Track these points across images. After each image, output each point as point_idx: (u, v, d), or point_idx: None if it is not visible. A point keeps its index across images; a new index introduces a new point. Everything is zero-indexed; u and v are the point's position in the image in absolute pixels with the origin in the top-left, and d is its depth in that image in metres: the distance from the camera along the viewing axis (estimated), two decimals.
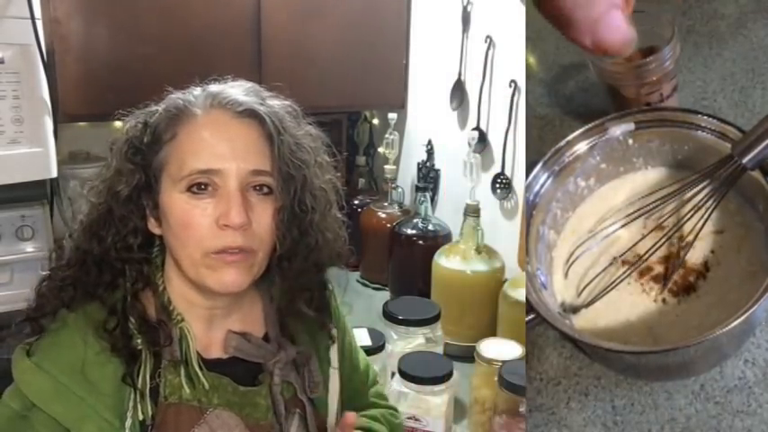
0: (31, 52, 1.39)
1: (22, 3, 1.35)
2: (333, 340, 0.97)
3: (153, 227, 0.84)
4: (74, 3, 1.54)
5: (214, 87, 0.85)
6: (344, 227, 0.93)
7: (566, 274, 0.89)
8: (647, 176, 0.92)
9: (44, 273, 0.85)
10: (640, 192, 0.91)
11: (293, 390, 0.88)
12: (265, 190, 0.81)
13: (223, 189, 0.78)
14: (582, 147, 0.89)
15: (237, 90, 0.84)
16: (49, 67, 1.43)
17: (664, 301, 0.85)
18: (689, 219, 0.84)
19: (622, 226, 0.89)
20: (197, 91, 0.85)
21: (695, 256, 0.85)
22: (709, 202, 0.82)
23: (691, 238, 0.83)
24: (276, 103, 0.86)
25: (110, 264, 0.82)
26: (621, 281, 0.85)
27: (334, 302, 1.00)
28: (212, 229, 0.78)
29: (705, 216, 0.82)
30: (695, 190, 0.83)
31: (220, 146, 0.79)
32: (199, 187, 0.79)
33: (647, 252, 0.85)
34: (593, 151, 0.90)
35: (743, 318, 0.71)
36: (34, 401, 0.76)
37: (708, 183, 0.82)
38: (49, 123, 1.44)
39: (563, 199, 0.91)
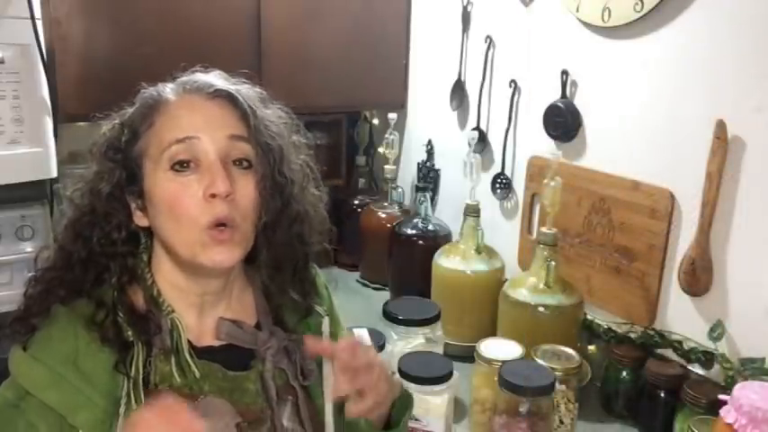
0: (31, 52, 1.39)
1: (22, 3, 1.36)
2: (324, 326, 0.96)
3: (139, 219, 0.86)
4: (74, 3, 1.54)
5: (183, 77, 0.89)
6: (322, 204, 0.96)
7: None
8: None
9: (30, 274, 0.86)
10: None
11: (285, 376, 0.89)
12: (245, 164, 0.84)
13: (204, 162, 0.81)
14: None
15: (207, 75, 0.89)
16: (49, 67, 1.44)
17: None
18: None
19: None
20: (169, 83, 0.88)
21: None
22: None
23: None
24: (245, 86, 0.89)
25: (94, 261, 0.84)
26: None
27: (326, 291, 1.02)
28: (200, 202, 0.80)
29: None
30: None
31: (196, 119, 0.83)
32: (181, 165, 0.81)
33: None
34: None
35: None
36: (29, 390, 0.77)
37: None
38: (49, 123, 1.44)
39: None
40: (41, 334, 0.81)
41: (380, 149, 2.13)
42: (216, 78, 0.88)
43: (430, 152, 2.03)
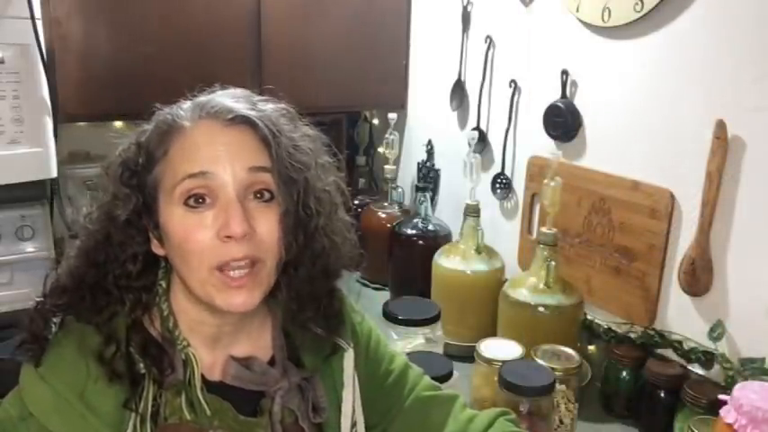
0: (31, 52, 1.39)
1: (22, 3, 1.36)
2: (346, 360, 0.92)
3: (156, 248, 0.81)
4: (74, 3, 1.54)
5: (201, 98, 0.82)
6: (353, 229, 0.90)
7: None
8: None
9: (37, 298, 0.82)
10: None
11: (295, 416, 0.86)
12: (266, 196, 0.78)
13: (221, 199, 0.76)
14: None
15: (226, 98, 0.81)
16: (49, 67, 1.44)
17: None
18: None
19: None
20: (185, 104, 0.82)
21: None
22: None
23: None
24: (269, 107, 0.82)
25: (106, 291, 0.80)
26: None
27: (351, 318, 0.96)
28: (214, 242, 0.75)
29: None
30: None
31: (213, 149, 0.76)
32: (196, 200, 0.76)
33: None
34: None
35: None
36: (33, 411, 0.75)
37: None
38: (49, 123, 1.45)
39: None
40: (54, 354, 0.78)
41: (380, 149, 2.13)
42: (236, 101, 0.80)
43: (430, 152, 2.03)
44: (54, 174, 1.48)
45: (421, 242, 1.77)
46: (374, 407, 0.95)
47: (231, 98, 0.81)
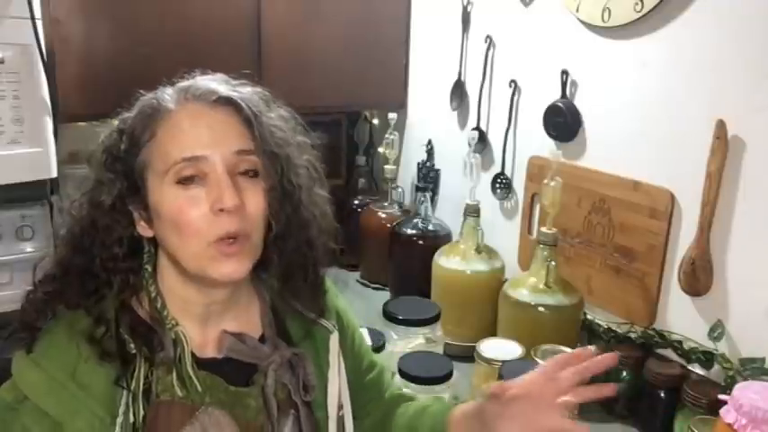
0: (30, 52, 1.39)
1: (22, 3, 1.36)
2: (332, 342, 0.95)
3: (144, 230, 0.83)
4: (74, 3, 1.54)
5: (184, 82, 0.86)
6: (328, 204, 0.94)
7: None
8: None
9: (28, 287, 0.84)
10: None
11: (288, 391, 0.88)
12: (252, 174, 0.82)
13: (212, 175, 0.79)
14: None
15: (207, 81, 0.85)
16: (49, 67, 1.44)
17: None
18: None
19: None
20: (168, 89, 0.85)
21: None
22: None
23: None
24: (247, 90, 0.86)
25: (93, 275, 0.82)
26: None
27: (336, 303, 1.00)
28: (208, 217, 0.79)
29: None
30: None
31: (201, 133, 0.80)
32: (189, 179, 0.79)
33: None
34: None
35: None
36: (27, 394, 0.77)
37: None
38: (49, 123, 1.44)
39: None
40: (46, 339, 0.80)
41: (380, 149, 2.13)
42: (218, 83, 0.84)
43: (430, 152, 2.03)
44: (54, 174, 1.48)
45: (421, 242, 1.77)
46: (355, 399, 0.98)
47: (212, 81, 0.85)
